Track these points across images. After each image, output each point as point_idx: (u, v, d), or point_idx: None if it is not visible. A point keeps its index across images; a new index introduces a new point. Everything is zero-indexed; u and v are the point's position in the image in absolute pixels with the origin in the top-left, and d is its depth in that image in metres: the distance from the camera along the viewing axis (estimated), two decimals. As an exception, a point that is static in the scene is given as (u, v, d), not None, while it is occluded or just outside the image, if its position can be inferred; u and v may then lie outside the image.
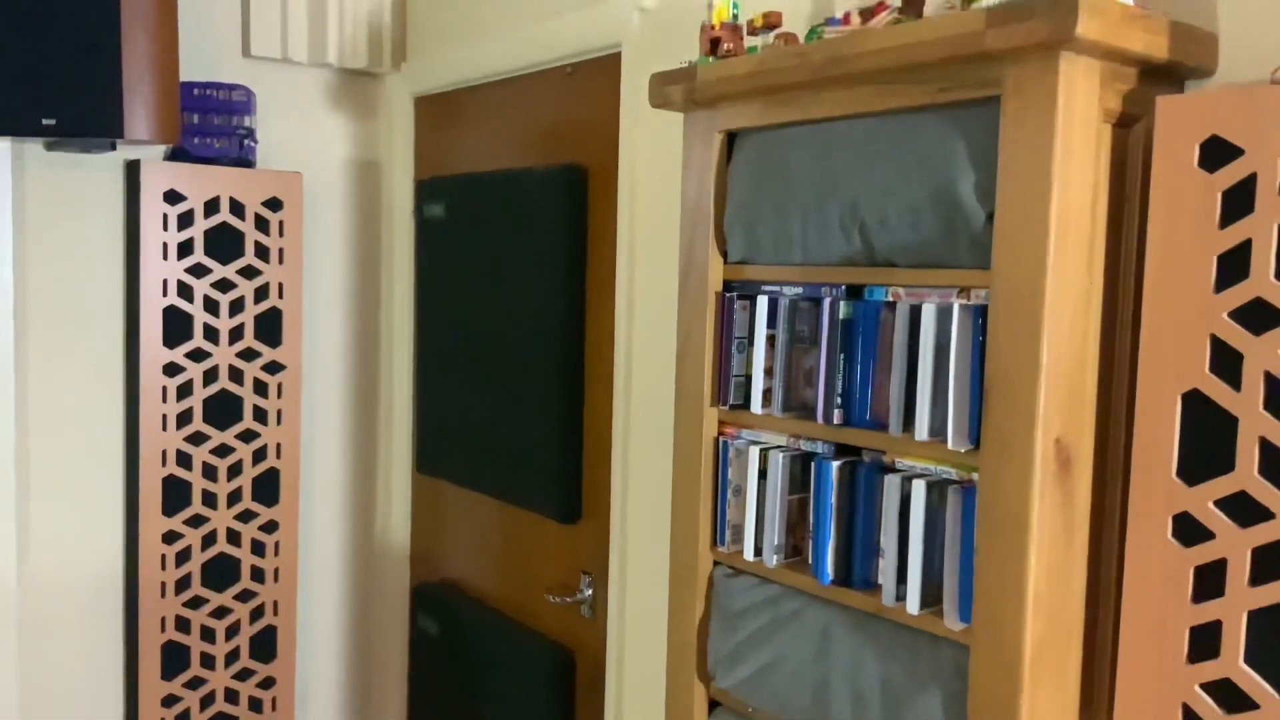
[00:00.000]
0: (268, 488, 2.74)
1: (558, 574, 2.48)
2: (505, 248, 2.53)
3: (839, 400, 1.48)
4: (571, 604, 2.43)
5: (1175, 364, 1.18)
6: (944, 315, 1.34)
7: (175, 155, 2.63)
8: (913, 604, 1.38)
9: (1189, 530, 1.19)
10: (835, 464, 1.48)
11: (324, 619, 3.07)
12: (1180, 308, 1.18)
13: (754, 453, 1.61)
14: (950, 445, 1.33)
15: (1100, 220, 1.27)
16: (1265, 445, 1.13)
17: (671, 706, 1.75)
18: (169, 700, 2.65)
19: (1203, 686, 1.18)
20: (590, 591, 2.37)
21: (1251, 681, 1.14)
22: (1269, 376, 1.13)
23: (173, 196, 2.57)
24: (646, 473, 2.17)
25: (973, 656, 1.29)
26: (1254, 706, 1.15)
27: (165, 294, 2.57)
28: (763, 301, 1.59)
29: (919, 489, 1.37)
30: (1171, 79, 1.31)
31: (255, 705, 2.77)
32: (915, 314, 1.38)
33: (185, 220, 2.58)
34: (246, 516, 2.71)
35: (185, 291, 2.59)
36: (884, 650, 1.42)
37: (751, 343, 1.63)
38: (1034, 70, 1.20)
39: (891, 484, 1.41)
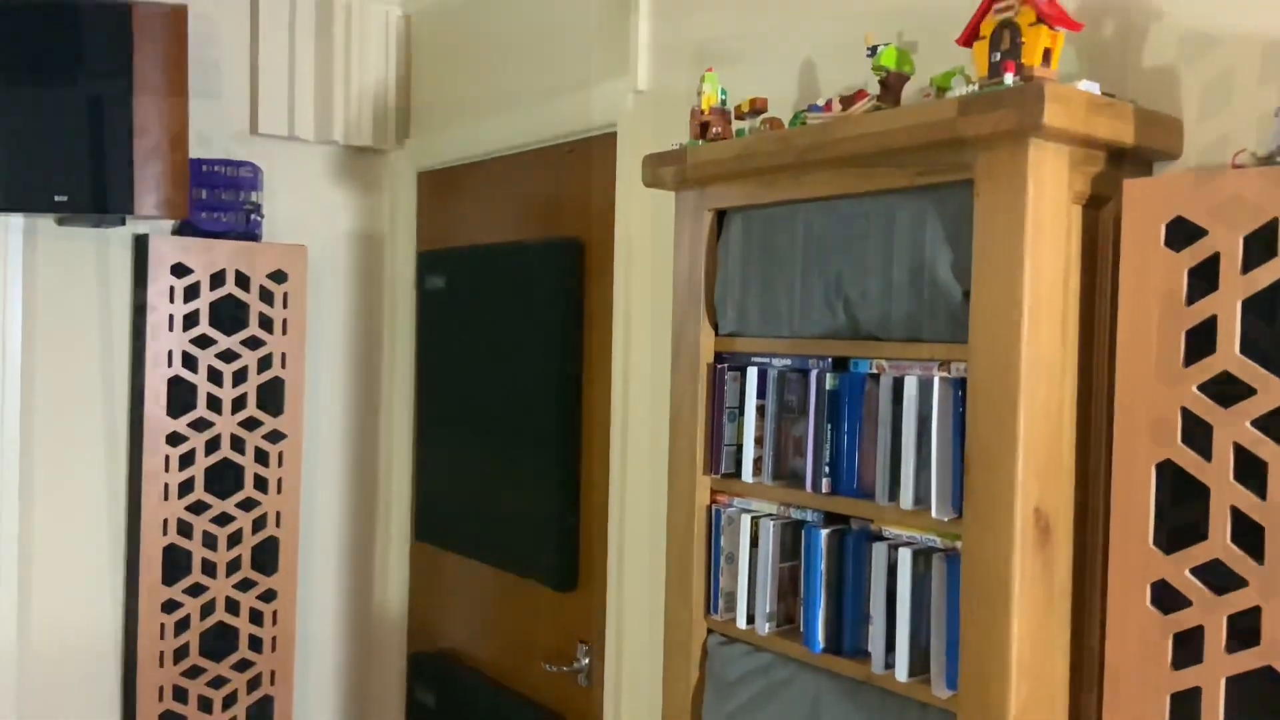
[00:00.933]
0: (267, 556, 2.76)
1: (554, 642, 2.49)
2: (504, 319, 2.58)
3: (827, 469, 1.52)
4: (568, 673, 2.43)
5: (1148, 435, 1.22)
6: (925, 387, 1.39)
7: (183, 229, 2.69)
8: (901, 671, 1.40)
9: (1167, 598, 1.22)
10: (824, 532, 1.51)
11: (321, 689, 3.06)
12: (1152, 381, 1.22)
13: (745, 521, 1.64)
14: (934, 514, 1.36)
15: (1073, 296, 1.32)
16: (1236, 514, 1.17)
17: (666, 776, 1.76)
18: (164, 771, 2.64)
19: (1184, 753, 1.20)
20: (587, 660, 2.38)
21: (1231, 747, 1.17)
22: (1238, 448, 1.17)
23: (180, 269, 2.62)
24: (642, 541, 2.19)
25: (960, 723, 1.31)
26: (1234, 772, 1.16)
27: (170, 364, 2.61)
28: (752, 373, 1.64)
29: (905, 557, 1.40)
30: (1139, 161, 1.37)
31: (250, 777, 2.75)
32: (898, 386, 1.43)
33: (191, 292, 2.64)
34: (245, 585, 2.73)
35: (190, 362, 2.64)
36: (873, 718, 1.44)
37: (742, 412, 1.67)
38: (1005, 156, 1.26)
39: (879, 552, 1.44)
